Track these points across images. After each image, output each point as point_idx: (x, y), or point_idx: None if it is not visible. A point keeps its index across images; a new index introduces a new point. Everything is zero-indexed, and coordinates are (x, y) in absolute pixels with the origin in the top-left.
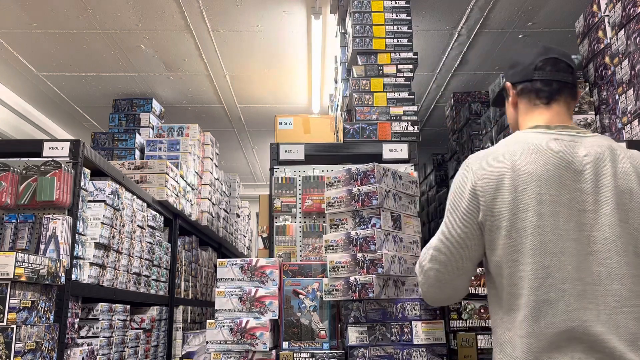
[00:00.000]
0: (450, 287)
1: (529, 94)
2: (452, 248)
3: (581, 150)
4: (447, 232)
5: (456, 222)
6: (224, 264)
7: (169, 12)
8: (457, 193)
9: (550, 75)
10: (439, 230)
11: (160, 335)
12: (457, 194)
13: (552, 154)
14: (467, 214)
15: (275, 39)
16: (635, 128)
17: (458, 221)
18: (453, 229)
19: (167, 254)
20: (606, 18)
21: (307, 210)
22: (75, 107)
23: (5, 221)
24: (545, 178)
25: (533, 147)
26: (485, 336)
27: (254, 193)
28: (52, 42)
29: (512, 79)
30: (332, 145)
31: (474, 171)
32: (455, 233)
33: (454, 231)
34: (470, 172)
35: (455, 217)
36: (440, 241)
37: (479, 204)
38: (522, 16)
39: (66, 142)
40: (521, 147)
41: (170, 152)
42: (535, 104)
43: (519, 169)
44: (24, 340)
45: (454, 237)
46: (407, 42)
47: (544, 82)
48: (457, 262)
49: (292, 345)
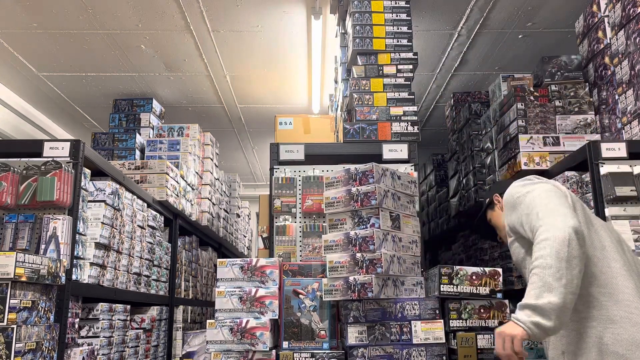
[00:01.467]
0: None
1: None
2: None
3: None
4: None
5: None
6: (224, 264)
7: (169, 12)
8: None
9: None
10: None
11: (161, 335)
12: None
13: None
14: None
15: (275, 39)
16: (635, 128)
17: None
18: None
19: (167, 254)
20: (606, 18)
21: (307, 210)
22: (76, 107)
23: (5, 221)
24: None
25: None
26: (485, 336)
27: (254, 193)
28: (53, 42)
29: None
30: (332, 145)
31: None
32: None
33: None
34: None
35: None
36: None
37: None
38: (522, 16)
39: (66, 142)
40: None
41: (170, 152)
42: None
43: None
44: (24, 340)
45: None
46: (407, 42)
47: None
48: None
49: (292, 345)
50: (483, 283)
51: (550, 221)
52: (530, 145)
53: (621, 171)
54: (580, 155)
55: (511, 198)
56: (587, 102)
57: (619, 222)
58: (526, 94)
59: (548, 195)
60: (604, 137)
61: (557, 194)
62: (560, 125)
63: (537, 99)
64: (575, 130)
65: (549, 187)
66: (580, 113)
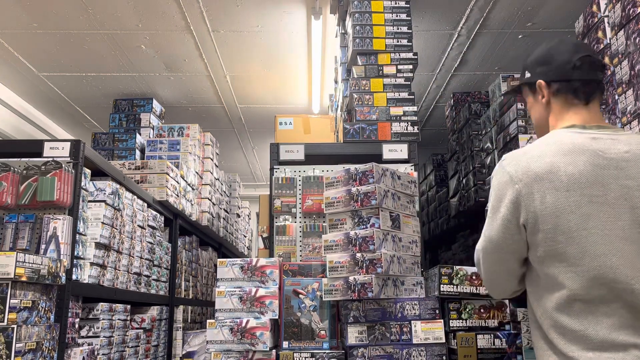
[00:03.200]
0: (499, 287)
1: (566, 93)
2: (494, 252)
3: (622, 147)
4: (489, 236)
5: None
6: (224, 264)
7: (169, 12)
8: (496, 198)
9: (589, 75)
10: (482, 232)
11: (161, 335)
12: (496, 199)
13: (593, 154)
14: (506, 219)
15: (276, 40)
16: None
17: (499, 225)
18: (496, 234)
19: (168, 254)
20: (606, 18)
21: (307, 210)
22: (76, 107)
23: (5, 221)
24: (587, 178)
25: (572, 147)
26: (485, 336)
27: (254, 193)
28: (53, 43)
29: (546, 77)
30: (332, 146)
31: (511, 175)
32: (499, 237)
33: (498, 235)
34: (506, 175)
35: (495, 221)
36: (484, 245)
37: (519, 207)
38: (522, 16)
39: (67, 142)
40: (559, 147)
41: (170, 152)
42: (572, 103)
43: (559, 170)
44: (24, 340)
45: (499, 242)
46: (407, 43)
47: (582, 82)
48: (508, 265)
49: (292, 345)
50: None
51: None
52: None
53: None
54: None
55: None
56: None
57: None
58: None
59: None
60: None
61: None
62: None
63: None
64: None
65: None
66: None
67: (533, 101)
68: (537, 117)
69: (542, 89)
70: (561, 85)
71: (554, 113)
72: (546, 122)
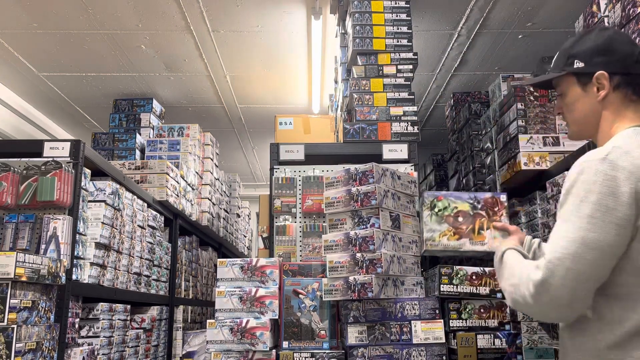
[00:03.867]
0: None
1: (627, 88)
2: (599, 259)
3: None
4: (593, 240)
5: (609, 228)
6: (224, 264)
7: (169, 12)
8: (608, 195)
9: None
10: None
11: (161, 335)
12: (608, 195)
13: None
14: (625, 219)
15: (276, 40)
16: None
17: (612, 228)
18: (604, 237)
19: (168, 254)
20: (606, 18)
21: (307, 210)
22: (76, 107)
23: (5, 221)
24: None
25: None
26: (485, 336)
27: (254, 193)
28: (53, 43)
29: (607, 68)
30: (332, 146)
31: (628, 170)
32: (608, 241)
33: (607, 239)
34: (620, 170)
35: (606, 223)
36: (583, 252)
37: (638, 207)
38: (522, 16)
39: (67, 142)
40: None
41: (170, 152)
42: (632, 100)
43: None
44: (24, 340)
45: (604, 247)
46: (407, 43)
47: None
48: (601, 275)
49: (292, 344)
50: (483, 283)
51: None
52: (530, 145)
53: None
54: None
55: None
56: None
57: None
58: (526, 94)
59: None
60: None
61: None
62: (560, 125)
63: (537, 99)
64: None
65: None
66: None
67: (582, 94)
68: (585, 113)
69: (604, 80)
70: (622, 78)
71: (611, 109)
72: (597, 118)
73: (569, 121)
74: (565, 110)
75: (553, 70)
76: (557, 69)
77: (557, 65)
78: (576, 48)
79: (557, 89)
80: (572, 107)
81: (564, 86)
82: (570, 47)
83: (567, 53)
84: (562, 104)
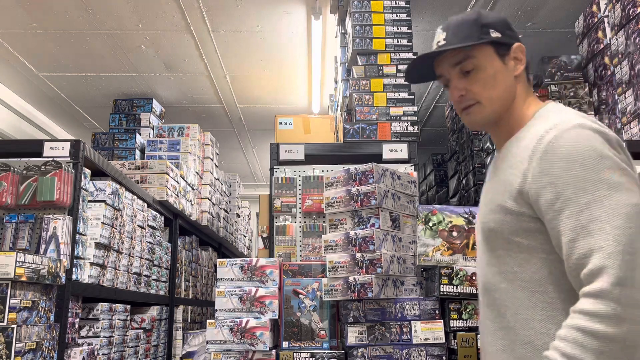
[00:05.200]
0: None
1: (527, 70)
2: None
3: None
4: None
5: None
6: (224, 264)
7: (169, 12)
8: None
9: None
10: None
11: (161, 335)
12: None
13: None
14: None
15: (276, 39)
16: (635, 128)
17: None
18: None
19: (168, 254)
20: (606, 18)
21: (307, 210)
22: (76, 107)
23: (5, 221)
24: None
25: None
26: None
27: (254, 193)
28: (53, 43)
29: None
30: (332, 145)
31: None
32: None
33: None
34: (614, 137)
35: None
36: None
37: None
38: (522, 16)
39: (67, 142)
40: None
41: (170, 152)
42: (530, 83)
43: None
44: (24, 340)
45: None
46: (407, 43)
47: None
48: None
49: (292, 344)
50: None
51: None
52: None
53: None
54: None
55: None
56: (587, 102)
57: None
58: None
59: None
60: None
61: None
62: None
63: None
64: None
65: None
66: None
67: (502, 67)
68: (505, 88)
69: (521, 53)
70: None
71: (523, 87)
72: (513, 97)
73: (487, 101)
74: (481, 89)
75: (464, 41)
76: (471, 38)
77: (470, 35)
78: (486, 19)
79: (465, 64)
80: (492, 83)
81: (480, 58)
82: (478, 19)
83: (478, 23)
84: (472, 82)
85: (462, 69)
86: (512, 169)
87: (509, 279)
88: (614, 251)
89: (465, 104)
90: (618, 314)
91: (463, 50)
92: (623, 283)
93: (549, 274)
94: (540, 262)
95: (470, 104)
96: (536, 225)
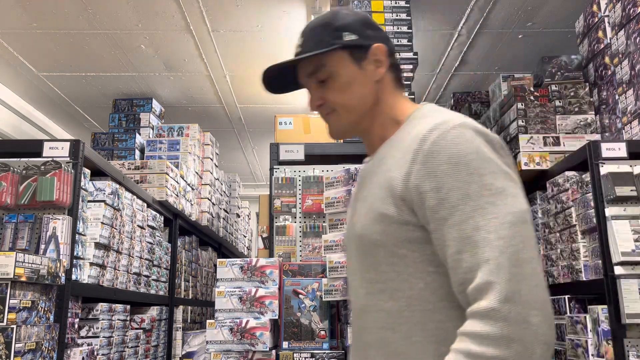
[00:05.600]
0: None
1: (395, 71)
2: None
3: None
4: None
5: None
6: (224, 264)
7: (169, 12)
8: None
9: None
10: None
11: (160, 335)
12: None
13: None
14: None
15: (276, 39)
16: (635, 128)
17: (521, 191)
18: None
19: (167, 254)
20: (606, 18)
21: (307, 210)
22: (76, 107)
23: (5, 221)
24: None
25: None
26: None
27: (254, 193)
28: (52, 42)
29: (384, 42)
30: (332, 145)
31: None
32: (527, 208)
33: (526, 205)
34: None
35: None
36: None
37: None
38: (522, 16)
39: (66, 142)
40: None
41: (170, 152)
42: (400, 85)
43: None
44: (24, 340)
45: (528, 215)
46: (407, 43)
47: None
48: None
49: (292, 345)
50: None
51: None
52: (530, 145)
53: (621, 171)
54: (581, 155)
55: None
56: (587, 102)
57: (619, 222)
58: (526, 94)
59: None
60: (604, 137)
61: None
62: (560, 125)
63: (537, 99)
64: (575, 130)
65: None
66: (581, 113)
67: (358, 72)
68: (363, 95)
69: (382, 55)
70: (392, 58)
71: (389, 91)
72: (373, 102)
73: (342, 109)
74: (335, 97)
75: (316, 47)
76: (322, 44)
77: (322, 41)
78: (340, 21)
79: (319, 73)
80: (347, 90)
81: (333, 65)
82: (331, 22)
83: (331, 27)
84: (328, 90)
85: (317, 78)
86: (391, 172)
87: (395, 297)
88: (500, 264)
89: (324, 113)
90: (506, 335)
91: (316, 57)
92: (511, 299)
93: (439, 288)
94: (429, 276)
95: (327, 112)
96: (422, 235)
